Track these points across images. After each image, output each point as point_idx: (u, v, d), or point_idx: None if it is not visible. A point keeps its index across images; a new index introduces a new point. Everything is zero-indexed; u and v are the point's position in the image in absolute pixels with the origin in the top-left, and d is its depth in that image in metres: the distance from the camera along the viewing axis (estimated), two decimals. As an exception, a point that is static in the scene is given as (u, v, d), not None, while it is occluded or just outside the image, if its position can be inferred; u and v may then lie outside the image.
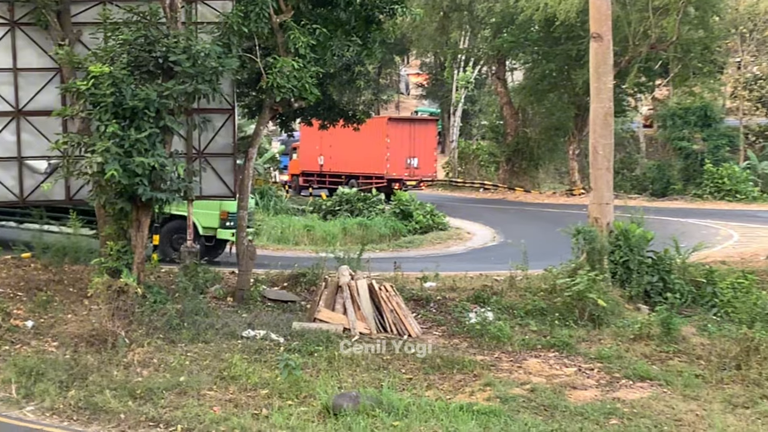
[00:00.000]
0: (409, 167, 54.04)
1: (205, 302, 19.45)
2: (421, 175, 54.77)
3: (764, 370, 16.56)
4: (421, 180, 55.00)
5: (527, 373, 16.50)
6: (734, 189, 56.79)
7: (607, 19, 24.96)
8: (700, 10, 51.74)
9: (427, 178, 56.42)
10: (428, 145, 55.61)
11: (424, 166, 54.80)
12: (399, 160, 53.59)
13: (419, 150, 54.34)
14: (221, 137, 21.52)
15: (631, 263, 22.80)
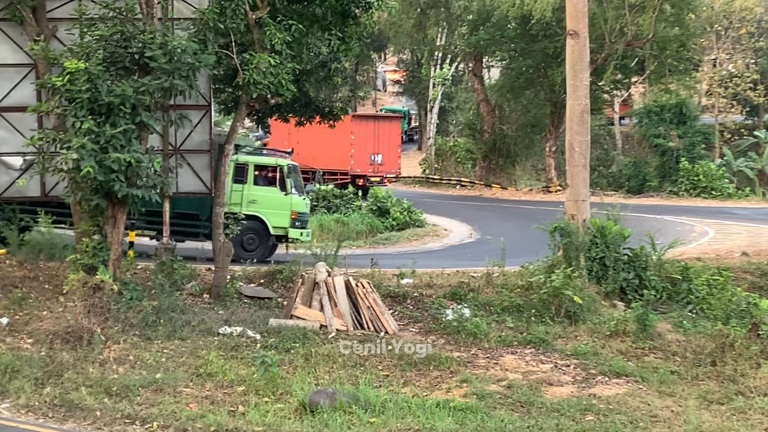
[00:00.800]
0: (373, 163, 54.10)
1: (181, 299, 19.38)
2: (385, 171, 54.79)
3: (739, 367, 16.68)
4: (384, 176, 54.95)
5: (504, 370, 16.55)
6: (710, 186, 57.09)
7: (584, 16, 25.04)
8: (676, 8, 51.95)
9: (391, 174, 56.44)
10: (392, 142, 55.92)
11: (388, 163, 54.92)
12: (363, 156, 53.73)
13: (383, 147, 54.51)
14: (197, 134, 21.46)
15: (607, 260, 22.90)
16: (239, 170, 28.65)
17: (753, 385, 16.03)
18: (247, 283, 22.16)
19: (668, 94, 61.54)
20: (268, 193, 28.94)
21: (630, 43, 51.27)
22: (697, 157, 60.42)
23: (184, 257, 22.06)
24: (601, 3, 49.59)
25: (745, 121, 79.59)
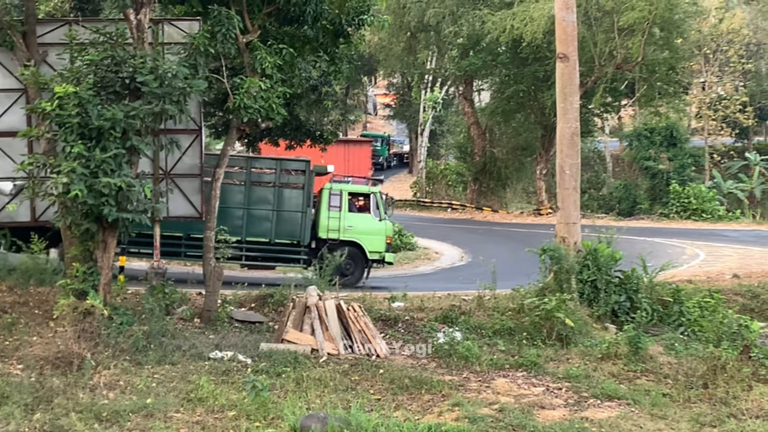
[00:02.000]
0: None
1: (171, 324, 19.31)
2: None
3: (731, 389, 16.66)
4: None
5: (495, 393, 16.49)
6: (700, 208, 57.26)
7: (573, 39, 25.15)
8: (665, 32, 52.22)
9: None
10: (362, 165, 58.12)
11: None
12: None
13: (353, 170, 55.26)
14: (188, 158, 21.47)
15: (599, 282, 22.90)
16: (333, 198, 30.42)
17: (745, 407, 16.00)
18: (237, 307, 22.11)
19: (658, 116, 61.89)
20: (363, 219, 30.51)
21: (619, 66, 51.52)
22: (687, 180, 60.64)
23: (175, 281, 22.01)
24: (590, 26, 49.83)
25: (735, 144, 79.91)
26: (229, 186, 28.31)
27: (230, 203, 28.60)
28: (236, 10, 20.39)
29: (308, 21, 21.46)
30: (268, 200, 29.45)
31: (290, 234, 29.53)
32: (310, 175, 29.85)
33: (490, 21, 51.59)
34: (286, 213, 29.62)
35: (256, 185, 29.41)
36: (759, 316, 25.25)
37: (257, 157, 31.50)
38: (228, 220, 27.64)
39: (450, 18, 56.36)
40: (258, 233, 29.27)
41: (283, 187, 29.58)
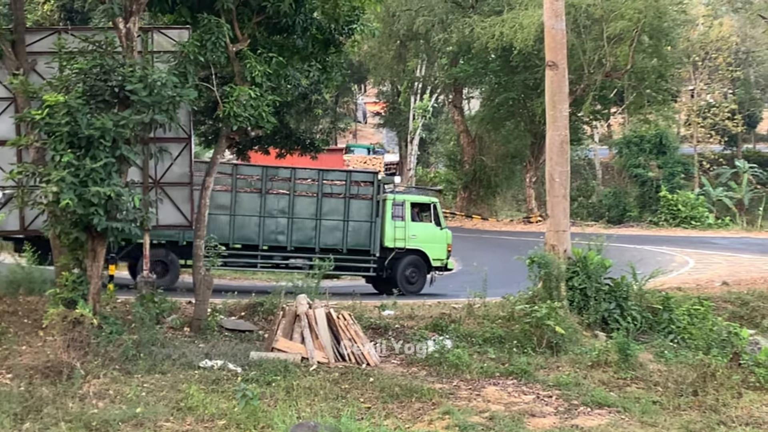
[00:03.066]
0: None
1: (161, 332, 19.26)
2: None
3: (721, 396, 16.72)
4: None
5: (486, 401, 16.50)
6: (689, 216, 57.39)
7: (563, 47, 25.20)
8: (654, 39, 52.39)
9: None
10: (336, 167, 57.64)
11: None
12: None
13: None
14: (178, 166, 21.40)
15: (589, 290, 22.93)
16: (397, 208, 31.22)
17: (735, 414, 16.06)
18: (227, 316, 22.06)
19: (647, 124, 62.01)
20: (425, 228, 31.36)
21: (608, 74, 51.66)
22: (676, 187, 60.77)
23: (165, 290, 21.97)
24: (579, 34, 49.94)
25: (724, 151, 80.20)
26: (302, 198, 29.94)
27: (304, 214, 29.98)
28: (226, 19, 20.38)
29: (298, 31, 21.46)
30: (339, 211, 30.42)
31: (360, 244, 30.53)
32: (378, 186, 30.98)
33: (479, 27, 51.67)
34: (356, 223, 30.58)
35: (328, 197, 30.38)
36: (748, 324, 25.32)
37: (328, 169, 32.50)
38: (302, 231, 29.80)
39: (439, 26, 56.44)
40: (330, 243, 30.25)
41: (353, 198, 30.59)
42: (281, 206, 29.73)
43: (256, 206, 29.44)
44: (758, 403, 16.69)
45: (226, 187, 29.02)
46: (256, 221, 29.41)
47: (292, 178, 29.97)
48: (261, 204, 29.44)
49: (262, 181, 29.54)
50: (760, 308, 28.05)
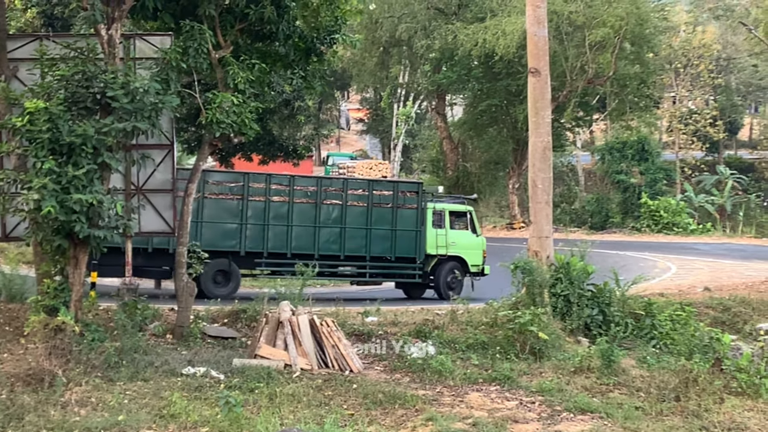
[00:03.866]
0: None
1: (144, 340, 19.20)
2: None
3: (703, 402, 16.76)
4: None
5: (469, 407, 16.50)
6: (671, 222, 57.63)
7: (545, 54, 25.27)
8: (636, 46, 52.58)
9: None
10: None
11: None
12: None
13: None
14: (160, 173, 21.33)
15: (572, 296, 22.98)
16: (437, 216, 32.55)
17: (717, 420, 16.10)
18: (210, 322, 22.01)
19: (629, 130, 62.21)
20: (463, 235, 32.66)
21: (591, 80, 51.81)
22: (658, 193, 61.04)
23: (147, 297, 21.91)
24: (562, 41, 50.08)
25: (706, 158, 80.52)
26: (354, 207, 31.08)
27: (356, 224, 31.05)
28: (208, 25, 20.34)
29: (280, 38, 21.46)
30: (388, 220, 31.57)
31: (407, 251, 31.67)
32: (423, 195, 32.45)
33: (462, 35, 51.75)
34: (403, 232, 31.76)
35: (377, 206, 31.46)
36: (730, 329, 25.42)
37: (378, 180, 34.81)
38: (354, 240, 30.91)
39: (422, 32, 56.51)
40: (379, 251, 31.45)
41: (400, 207, 31.76)
42: (334, 216, 30.73)
43: (312, 216, 30.46)
44: (740, 409, 16.73)
45: (284, 199, 30.03)
46: (311, 231, 30.41)
47: (344, 189, 31.12)
48: (316, 214, 30.46)
49: (317, 192, 30.53)
50: (741, 314, 28.19)
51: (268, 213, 29.56)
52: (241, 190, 29.24)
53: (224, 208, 29.04)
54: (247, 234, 29.31)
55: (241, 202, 29.20)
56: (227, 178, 30.20)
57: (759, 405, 17.00)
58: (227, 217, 29.06)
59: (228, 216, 29.07)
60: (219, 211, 28.95)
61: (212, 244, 27.85)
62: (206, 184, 28.43)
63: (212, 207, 28.78)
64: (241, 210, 29.22)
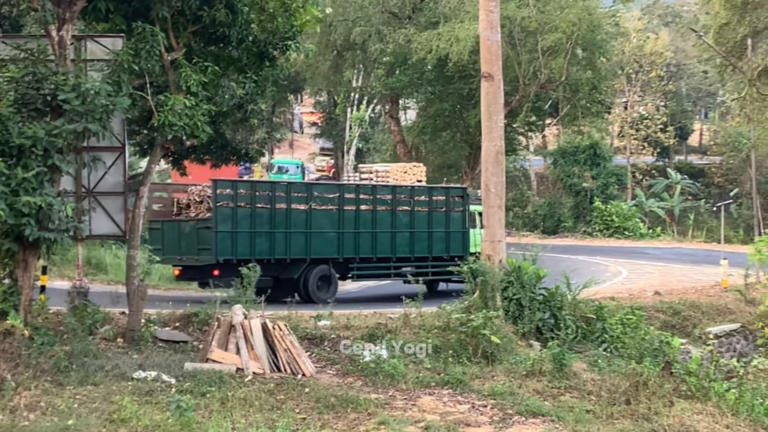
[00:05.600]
0: None
1: (94, 344, 19.05)
2: None
3: (653, 405, 16.91)
4: None
5: (421, 411, 16.53)
6: (622, 226, 58.11)
7: (498, 59, 25.38)
8: (588, 52, 52.88)
9: None
10: None
11: None
12: None
13: None
14: (111, 176, 21.15)
15: (523, 300, 23.10)
16: (472, 217, 34.66)
17: (666, 423, 16.26)
18: (162, 326, 21.87)
19: (581, 135, 62.60)
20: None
21: (543, 85, 52.06)
22: (610, 198, 61.52)
23: (97, 300, 21.74)
24: (514, 46, 50.30)
25: (656, 163, 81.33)
26: (419, 213, 33.15)
27: (421, 227, 33.23)
28: (161, 27, 20.21)
29: (233, 42, 21.38)
30: (443, 223, 33.94)
31: (458, 250, 33.32)
32: (466, 198, 34.77)
33: (416, 41, 51.83)
34: (455, 233, 34.21)
35: (435, 211, 33.76)
36: (679, 333, 25.74)
37: (434, 186, 36.59)
38: (420, 242, 33.09)
39: (376, 36, 56.50)
40: (439, 251, 33.62)
41: (451, 211, 34.22)
42: (405, 221, 32.85)
43: (389, 222, 32.51)
44: (689, 412, 16.91)
45: (370, 207, 32.05)
46: (390, 236, 32.57)
47: (411, 196, 33.24)
48: (392, 221, 32.53)
49: (393, 200, 32.63)
50: (691, 317, 28.56)
51: (359, 221, 31.59)
52: (337, 201, 31.23)
53: (326, 219, 30.86)
54: (344, 241, 31.24)
55: (338, 213, 31.11)
56: (326, 190, 32.23)
57: (708, 408, 17.19)
58: (328, 227, 30.91)
59: (328, 225, 30.93)
60: (321, 221, 30.74)
61: (317, 251, 30.53)
62: (313, 197, 30.63)
63: (317, 217, 30.55)
64: (338, 219, 31.11)
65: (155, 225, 30.73)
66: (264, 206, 29.28)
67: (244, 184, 30.92)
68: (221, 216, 28.41)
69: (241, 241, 28.73)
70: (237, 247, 28.61)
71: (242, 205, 28.84)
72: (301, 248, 30.03)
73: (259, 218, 29.13)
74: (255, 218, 29.04)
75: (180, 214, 30.66)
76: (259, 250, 28.99)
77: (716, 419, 16.72)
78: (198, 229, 29.23)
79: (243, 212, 28.80)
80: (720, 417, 16.85)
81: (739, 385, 18.43)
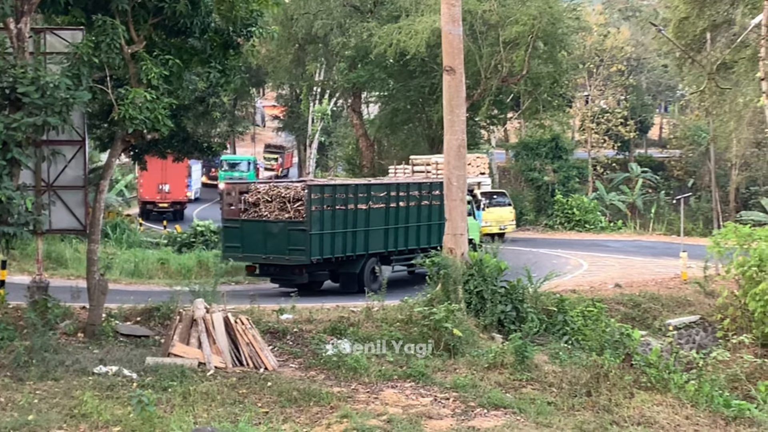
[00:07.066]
0: (161, 192, 63.13)
1: (55, 339, 18.93)
2: (172, 198, 63.77)
3: (613, 397, 17.02)
4: (174, 203, 63.95)
5: (384, 404, 16.56)
6: (583, 219, 58.30)
7: (460, 53, 25.41)
8: (549, 46, 53.11)
9: (178, 201, 64.66)
10: (179, 183, 63.89)
11: (174, 191, 63.73)
12: (153, 186, 62.85)
13: (170, 178, 62.22)
14: (71, 169, 21.04)
15: (485, 293, 23.18)
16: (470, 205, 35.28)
17: (627, 414, 16.36)
18: (123, 321, 21.77)
19: (543, 129, 62.78)
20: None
21: (505, 79, 52.18)
22: (571, 191, 61.69)
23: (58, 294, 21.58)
24: (476, 40, 50.40)
25: (617, 156, 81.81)
26: (437, 206, 33.73)
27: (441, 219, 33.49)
28: (121, 20, 20.06)
29: (195, 32, 21.22)
30: None
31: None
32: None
33: (377, 35, 51.79)
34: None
35: None
36: (640, 325, 25.91)
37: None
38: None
39: (338, 30, 56.43)
40: None
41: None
42: (425, 214, 34.56)
43: (416, 215, 34.34)
44: (649, 403, 17.02)
45: (404, 204, 33.91)
46: (416, 228, 34.35)
47: (431, 190, 34.94)
48: (418, 213, 34.37)
49: (419, 195, 34.52)
50: (651, 310, 28.76)
51: (399, 217, 33.65)
52: (387, 199, 33.28)
53: (378, 216, 32.78)
54: (389, 236, 33.23)
55: (386, 210, 33.13)
56: (380, 189, 33.74)
57: (668, 399, 17.31)
58: (381, 223, 32.88)
59: (380, 222, 32.90)
60: (376, 219, 32.68)
61: (373, 246, 32.44)
62: (371, 196, 32.63)
63: (373, 215, 32.52)
64: (385, 216, 33.11)
65: (232, 224, 31.80)
66: (340, 207, 31.23)
67: (328, 187, 32.15)
68: (314, 219, 30.14)
69: (326, 242, 30.70)
70: (324, 247, 30.58)
71: (327, 208, 30.74)
72: (363, 244, 31.98)
73: (338, 219, 31.13)
74: (335, 219, 31.00)
75: (246, 212, 31.53)
76: (337, 248, 31.03)
77: (676, 410, 16.84)
78: (289, 230, 30.37)
79: (327, 214, 30.74)
80: (680, 408, 16.98)
81: (699, 377, 18.56)
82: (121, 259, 36.54)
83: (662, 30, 53.44)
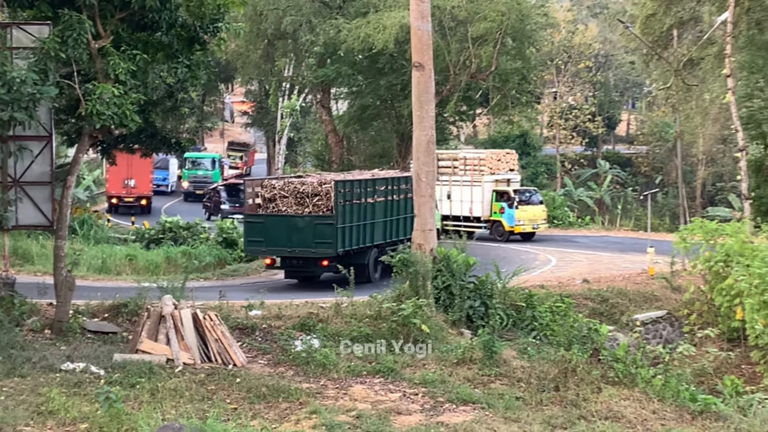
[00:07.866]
0: (127, 186, 63.87)
1: (21, 335, 18.84)
2: (137, 193, 64.46)
3: (581, 391, 17.12)
4: (139, 197, 64.41)
5: (353, 400, 16.58)
6: (552, 215, 58.51)
7: (429, 48, 25.44)
8: (517, 42, 53.21)
9: (143, 195, 65.03)
10: (143, 179, 64.67)
11: (140, 186, 64.32)
12: (119, 181, 63.75)
13: (135, 173, 62.90)
14: (38, 165, 20.90)
15: (454, 288, 23.23)
16: None
17: (594, 409, 16.46)
18: (90, 317, 21.66)
19: (511, 125, 62.99)
20: None
21: (473, 75, 52.25)
22: (540, 187, 61.93)
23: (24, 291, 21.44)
24: (444, 35, 50.43)
25: (585, 152, 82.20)
26: None
27: None
28: (88, 14, 19.92)
29: (163, 27, 21.11)
30: None
31: None
32: None
33: (345, 30, 51.72)
34: None
35: None
36: (607, 320, 26.07)
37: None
38: None
39: (307, 26, 56.30)
40: None
41: None
42: None
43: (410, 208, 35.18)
44: (617, 398, 17.13)
45: (400, 197, 35.29)
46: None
47: None
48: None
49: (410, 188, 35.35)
50: (618, 305, 28.95)
51: (394, 209, 35.25)
52: (385, 193, 34.80)
53: (382, 209, 34.44)
54: (389, 227, 34.88)
55: (386, 203, 34.71)
56: (379, 183, 35.12)
57: (635, 394, 17.43)
58: (384, 215, 34.58)
59: (384, 214, 34.57)
60: (380, 212, 34.25)
61: (378, 238, 33.91)
62: (381, 190, 34.50)
63: (378, 208, 34.07)
64: (386, 209, 34.81)
65: (256, 219, 32.65)
66: (357, 201, 32.76)
67: (351, 183, 33.30)
68: (340, 212, 31.46)
69: (348, 234, 32.01)
70: (346, 240, 31.92)
71: (346, 202, 32.08)
72: (371, 236, 33.40)
73: (356, 212, 32.57)
74: (353, 213, 32.42)
75: (262, 207, 32.59)
76: (354, 240, 32.37)
77: (643, 404, 16.97)
78: (316, 224, 31.53)
79: (348, 208, 32.13)
80: (647, 402, 17.11)
81: (665, 371, 18.71)
82: (88, 255, 36.37)
83: (629, 27, 53.78)
